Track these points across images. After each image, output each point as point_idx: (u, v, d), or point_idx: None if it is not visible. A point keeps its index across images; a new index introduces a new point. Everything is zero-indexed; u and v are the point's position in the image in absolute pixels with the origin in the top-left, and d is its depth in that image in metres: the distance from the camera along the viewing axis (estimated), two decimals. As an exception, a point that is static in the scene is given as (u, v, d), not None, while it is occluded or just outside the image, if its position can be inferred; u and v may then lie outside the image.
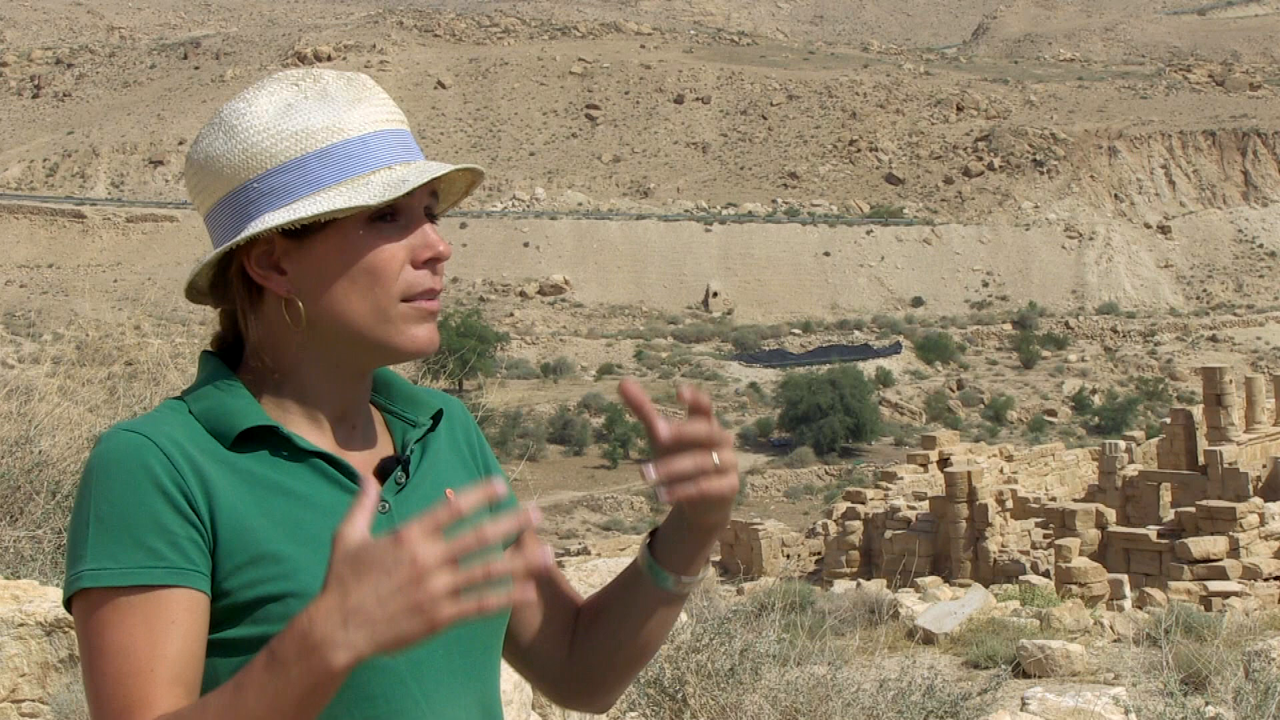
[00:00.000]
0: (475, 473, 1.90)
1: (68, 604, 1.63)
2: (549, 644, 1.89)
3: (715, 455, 1.69)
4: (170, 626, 1.58)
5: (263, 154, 1.68)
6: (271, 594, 1.62)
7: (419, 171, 1.69)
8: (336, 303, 1.69)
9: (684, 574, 1.81)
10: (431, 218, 1.74)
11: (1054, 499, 28.82)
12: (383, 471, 1.77)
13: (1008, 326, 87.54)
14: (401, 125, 1.74)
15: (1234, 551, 22.43)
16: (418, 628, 1.42)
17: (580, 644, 1.89)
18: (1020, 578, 20.69)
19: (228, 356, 1.78)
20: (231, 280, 1.73)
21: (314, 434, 1.74)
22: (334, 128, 1.68)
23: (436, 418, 1.86)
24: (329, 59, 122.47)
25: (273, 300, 1.71)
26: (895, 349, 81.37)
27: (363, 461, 1.77)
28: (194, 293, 1.76)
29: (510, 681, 5.31)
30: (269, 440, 1.69)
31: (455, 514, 1.42)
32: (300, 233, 1.68)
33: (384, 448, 1.82)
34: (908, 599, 13.88)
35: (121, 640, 1.56)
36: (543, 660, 1.90)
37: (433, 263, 1.72)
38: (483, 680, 1.79)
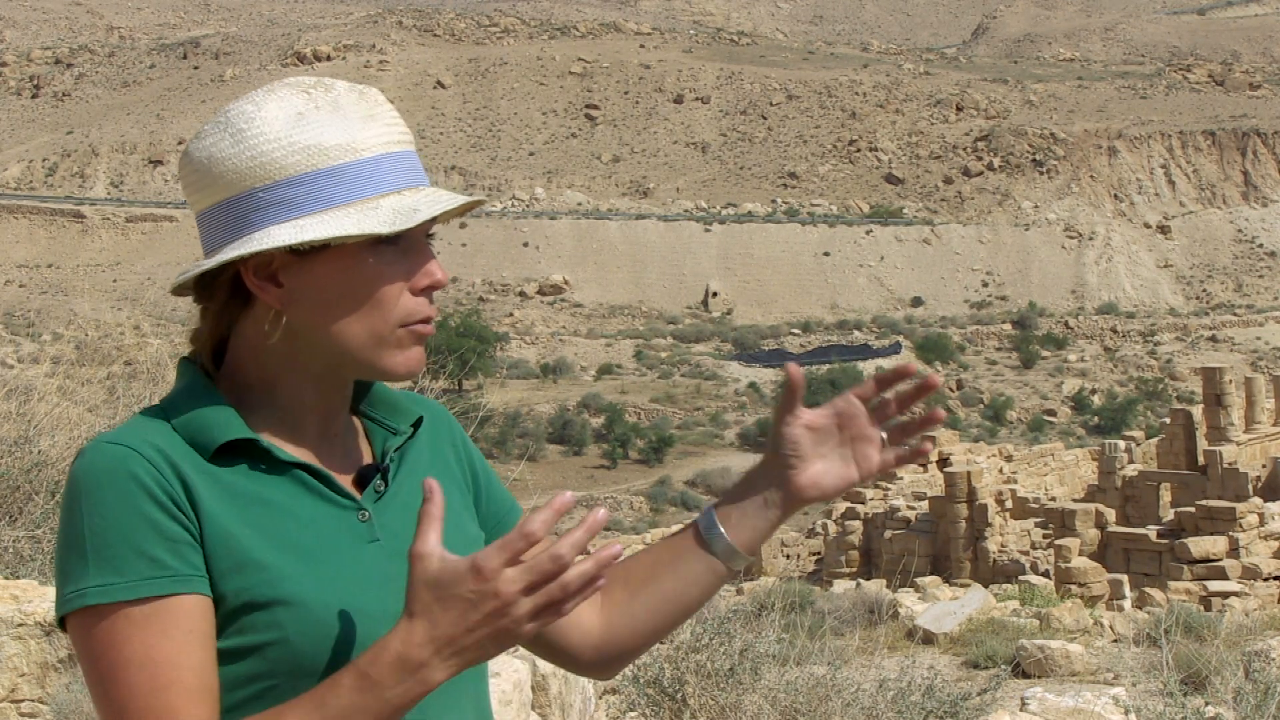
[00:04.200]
0: (461, 479, 1.89)
1: (61, 621, 1.60)
2: (579, 618, 1.88)
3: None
4: (188, 636, 1.56)
5: (271, 164, 1.65)
6: (256, 602, 1.60)
7: (429, 201, 1.67)
8: (332, 322, 1.67)
9: (747, 549, 1.83)
10: (428, 236, 1.74)
11: (1054, 499, 28.81)
12: (361, 480, 1.76)
13: (1007, 326, 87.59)
14: (410, 146, 1.73)
15: (1234, 551, 22.41)
16: (506, 646, 1.52)
17: (617, 616, 1.88)
18: (1020, 578, 20.68)
19: (206, 361, 1.76)
20: (222, 283, 1.70)
21: (294, 443, 1.72)
22: (347, 146, 1.66)
23: (417, 425, 1.85)
24: (328, 59, 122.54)
25: (261, 309, 1.69)
26: (895, 349, 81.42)
27: (342, 470, 1.76)
28: (179, 287, 1.74)
29: (510, 681, 5.31)
30: (249, 452, 1.67)
31: (531, 541, 1.48)
32: (302, 249, 1.66)
33: (364, 455, 1.81)
34: (907, 599, 13.88)
35: (142, 654, 1.54)
36: (569, 633, 1.88)
37: (429, 290, 1.72)
38: (476, 681, 1.79)
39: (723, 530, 1.82)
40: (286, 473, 1.68)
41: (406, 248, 1.70)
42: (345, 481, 1.74)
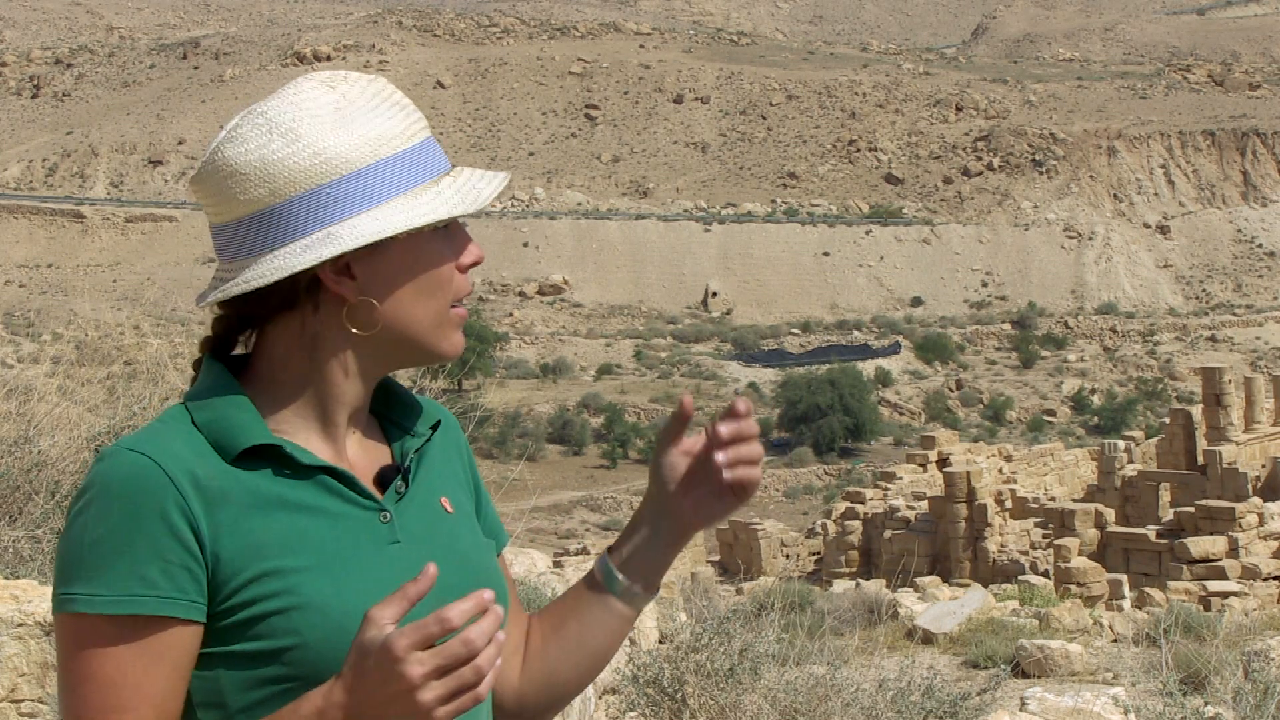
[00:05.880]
0: (467, 486, 1.90)
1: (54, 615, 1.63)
2: (503, 665, 1.88)
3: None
4: (159, 660, 1.57)
5: (337, 158, 1.64)
6: (276, 608, 1.61)
7: (482, 180, 1.71)
8: (402, 308, 1.69)
9: (646, 587, 1.83)
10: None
11: (1053, 499, 28.83)
12: (382, 480, 1.77)
13: (1007, 326, 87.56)
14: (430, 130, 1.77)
15: (1233, 551, 22.43)
16: None
17: (534, 665, 1.89)
18: (1019, 578, 20.69)
19: (228, 361, 1.76)
20: (294, 286, 1.68)
21: (320, 442, 1.73)
22: (399, 133, 1.68)
23: (435, 428, 1.86)
24: (328, 59, 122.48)
25: (323, 304, 1.69)
26: (894, 349, 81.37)
27: (363, 470, 1.77)
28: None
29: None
30: (272, 457, 1.67)
31: (446, 628, 1.46)
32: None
33: (382, 456, 1.82)
34: (907, 599, 13.89)
35: (109, 671, 1.56)
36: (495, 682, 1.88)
37: (472, 266, 1.75)
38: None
39: (616, 570, 1.83)
40: (310, 476, 1.69)
41: (450, 227, 1.73)
42: (366, 482, 1.75)
